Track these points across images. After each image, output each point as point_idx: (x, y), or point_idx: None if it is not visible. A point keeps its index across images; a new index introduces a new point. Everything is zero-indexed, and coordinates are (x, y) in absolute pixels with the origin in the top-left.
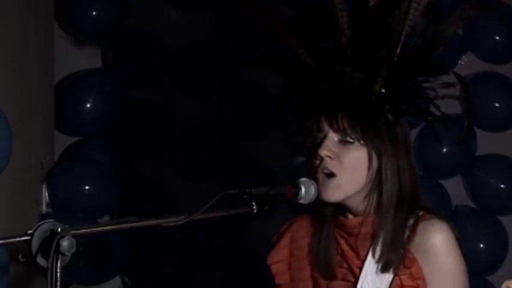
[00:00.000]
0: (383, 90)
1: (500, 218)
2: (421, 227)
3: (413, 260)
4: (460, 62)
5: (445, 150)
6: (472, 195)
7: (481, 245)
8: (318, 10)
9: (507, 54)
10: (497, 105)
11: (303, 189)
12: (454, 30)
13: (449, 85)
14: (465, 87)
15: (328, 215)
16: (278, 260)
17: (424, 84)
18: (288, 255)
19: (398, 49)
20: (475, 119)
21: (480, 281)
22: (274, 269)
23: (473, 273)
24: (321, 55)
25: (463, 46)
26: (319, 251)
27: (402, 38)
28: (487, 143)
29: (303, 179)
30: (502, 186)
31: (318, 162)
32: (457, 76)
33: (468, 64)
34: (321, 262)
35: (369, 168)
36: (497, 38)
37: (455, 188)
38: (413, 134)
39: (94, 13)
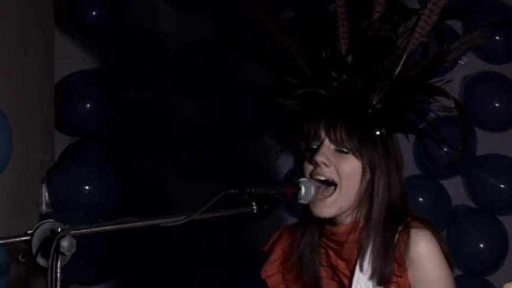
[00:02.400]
0: (379, 105)
1: (500, 218)
2: (409, 233)
3: (405, 270)
4: (460, 62)
5: (445, 150)
6: (472, 195)
7: (481, 245)
8: (317, 14)
9: (507, 54)
10: (497, 105)
11: (303, 189)
12: (458, 55)
13: (448, 109)
14: (464, 113)
15: (312, 223)
16: (272, 274)
17: (421, 104)
18: (280, 267)
19: (400, 66)
20: (475, 119)
21: (480, 281)
22: (270, 282)
23: (473, 273)
24: (318, 62)
25: None
26: (304, 260)
27: (405, 56)
28: (487, 143)
29: (302, 179)
30: (502, 186)
31: (312, 168)
32: (456, 102)
33: (468, 64)
34: (307, 272)
35: (361, 180)
36: (497, 38)
37: (455, 188)
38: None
39: (94, 13)
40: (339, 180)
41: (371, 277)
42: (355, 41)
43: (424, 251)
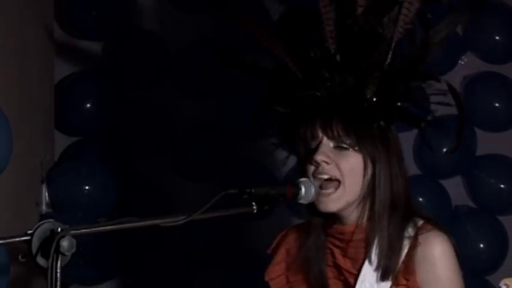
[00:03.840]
0: (374, 99)
1: (500, 218)
2: (421, 238)
3: (413, 272)
4: (460, 62)
5: (445, 150)
6: (472, 195)
7: (481, 245)
8: (302, 15)
9: (507, 54)
10: (497, 105)
11: (303, 189)
12: (445, 36)
13: (442, 92)
14: (456, 96)
15: (318, 223)
16: (275, 276)
17: (416, 91)
18: (284, 269)
19: (389, 56)
20: (475, 119)
21: (480, 281)
22: (273, 285)
23: (473, 273)
24: (308, 63)
25: (463, 46)
26: (309, 261)
27: (393, 45)
28: (487, 143)
29: (302, 179)
30: (502, 186)
31: (313, 168)
32: (449, 86)
33: (468, 64)
34: (313, 273)
35: (364, 175)
36: (497, 38)
37: (455, 188)
38: (413, 133)
39: (94, 13)
40: (341, 177)
41: (375, 270)
42: (342, 38)
43: (438, 254)
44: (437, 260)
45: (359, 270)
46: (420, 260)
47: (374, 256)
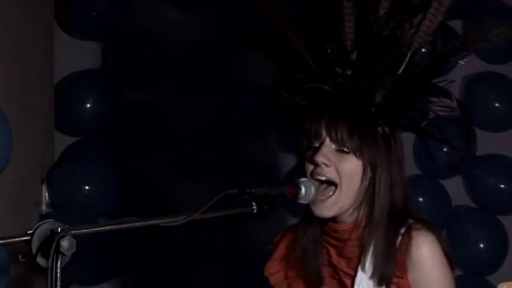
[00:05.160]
0: (382, 104)
1: (500, 218)
2: (411, 235)
3: (406, 271)
4: (460, 62)
5: (445, 150)
6: (472, 195)
7: (481, 245)
8: (323, 8)
9: (507, 54)
10: (497, 105)
11: (303, 189)
12: (462, 55)
13: (451, 109)
14: (466, 114)
15: (315, 218)
16: (274, 271)
17: (425, 103)
18: (284, 265)
19: (404, 64)
20: (475, 119)
21: (480, 281)
22: (272, 280)
23: (473, 273)
24: (323, 57)
25: None
26: (307, 255)
27: (409, 54)
28: (487, 143)
29: (303, 179)
30: (502, 186)
31: (312, 168)
32: (459, 103)
33: (468, 64)
34: (310, 269)
35: (362, 180)
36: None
37: (455, 188)
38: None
39: (94, 13)
40: (339, 180)
41: (371, 277)
42: (360, 37)
43: (425, 253)
44: (425, 259)
45: (354, 270)
46: (409, 261)
47: (369, 261)
